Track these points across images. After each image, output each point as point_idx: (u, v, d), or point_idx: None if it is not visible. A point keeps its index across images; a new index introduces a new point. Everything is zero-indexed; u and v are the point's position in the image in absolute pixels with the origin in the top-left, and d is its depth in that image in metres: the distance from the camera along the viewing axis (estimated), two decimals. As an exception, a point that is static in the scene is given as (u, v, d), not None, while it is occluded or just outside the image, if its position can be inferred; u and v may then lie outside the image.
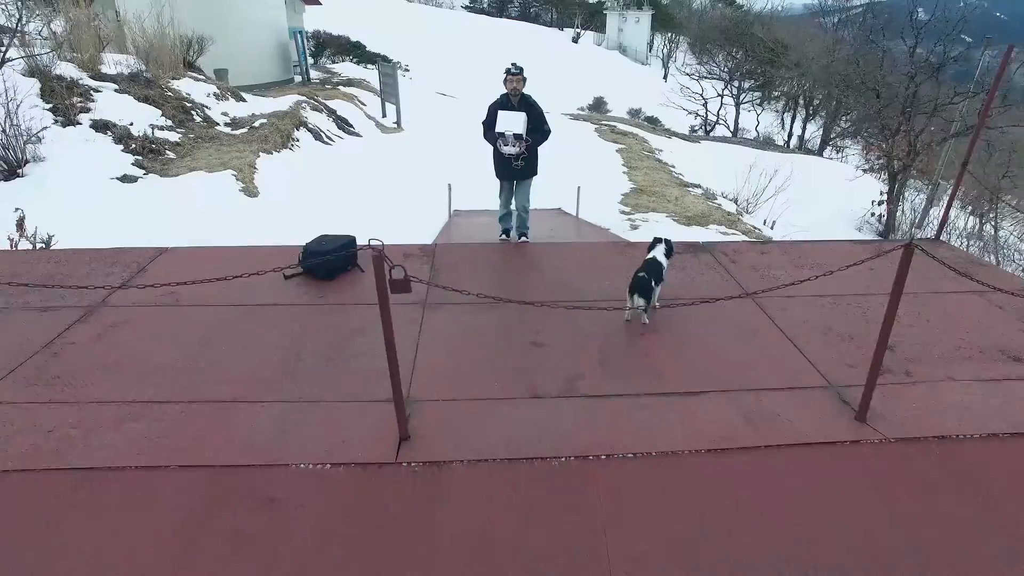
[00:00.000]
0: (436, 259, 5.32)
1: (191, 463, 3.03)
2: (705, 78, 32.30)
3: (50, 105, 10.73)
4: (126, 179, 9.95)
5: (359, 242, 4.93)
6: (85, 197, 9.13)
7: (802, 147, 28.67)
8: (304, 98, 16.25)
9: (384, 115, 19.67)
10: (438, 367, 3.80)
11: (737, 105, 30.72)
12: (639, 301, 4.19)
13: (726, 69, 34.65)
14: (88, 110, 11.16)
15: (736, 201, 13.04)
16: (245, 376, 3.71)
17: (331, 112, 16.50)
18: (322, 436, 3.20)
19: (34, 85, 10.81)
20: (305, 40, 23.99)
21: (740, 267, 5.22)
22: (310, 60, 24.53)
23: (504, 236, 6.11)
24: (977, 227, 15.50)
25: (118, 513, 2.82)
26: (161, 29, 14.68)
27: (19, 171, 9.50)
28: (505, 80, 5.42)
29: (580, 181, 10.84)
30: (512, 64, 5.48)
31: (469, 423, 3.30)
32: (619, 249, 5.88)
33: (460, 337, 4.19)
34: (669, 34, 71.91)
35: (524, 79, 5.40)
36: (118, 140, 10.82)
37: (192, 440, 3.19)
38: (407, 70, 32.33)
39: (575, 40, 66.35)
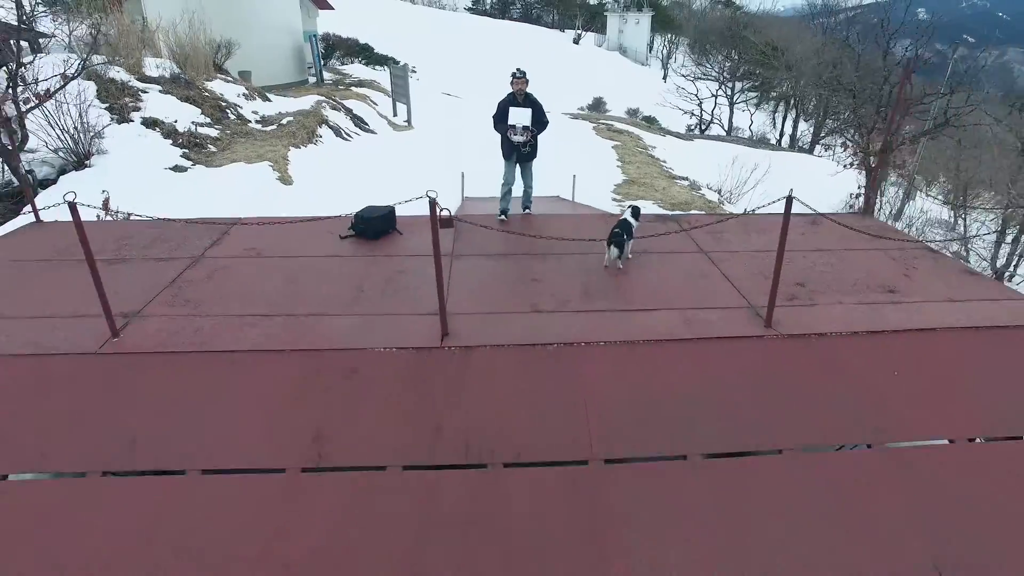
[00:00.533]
0: (457, 225, 6.70)
1: (296, 348, 4.43)
2: (700, 79, 33.71)
3: (106, 105, 12.15)
4: (177, 169, 11.37)
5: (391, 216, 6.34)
6: (144, 183, 10.53)
7: (793, 145, 30.01)
8: (323, 98, 17.67)
9: (395, 114, 21.07)
10: (465, 293, 5.18)
11: (731, 105, 32.06)
12: (614, 251, 5.57)
13: (721, 70, 36.00)
14: (138, 109, 12.59)
15: (719, 192, 14.38)
16: (324, 300, 5.10)
17: (348, 111, 17.91)
18: (387, 333, 4.58)
19: (91, 87, 12.22)
20: (318, 43, 25.40)
21: (699, 233, 6.60)
22: (322, 62, 25.93)
23: (503, 217, 7.33)
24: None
25: (253, 375, 4.22)
26: (193, 35, 16.11)
27: (87, 162, 10.92)
28: (512, 83, 6.78)
29: (577, 173, 12.23)
30: (517, 69, 6.84)
31: (489, 325, 4.69)
32: (603, 218, 7.27)
33: (479, 276, 5.57)
34: (669, 35, 73.20)
35: (527, 81, 6.77)
36: (166, 135, 12.24)
37: (294, 336, 4.57)
38: (414, 71, 33.68)
39: (576, 41, 67.60)
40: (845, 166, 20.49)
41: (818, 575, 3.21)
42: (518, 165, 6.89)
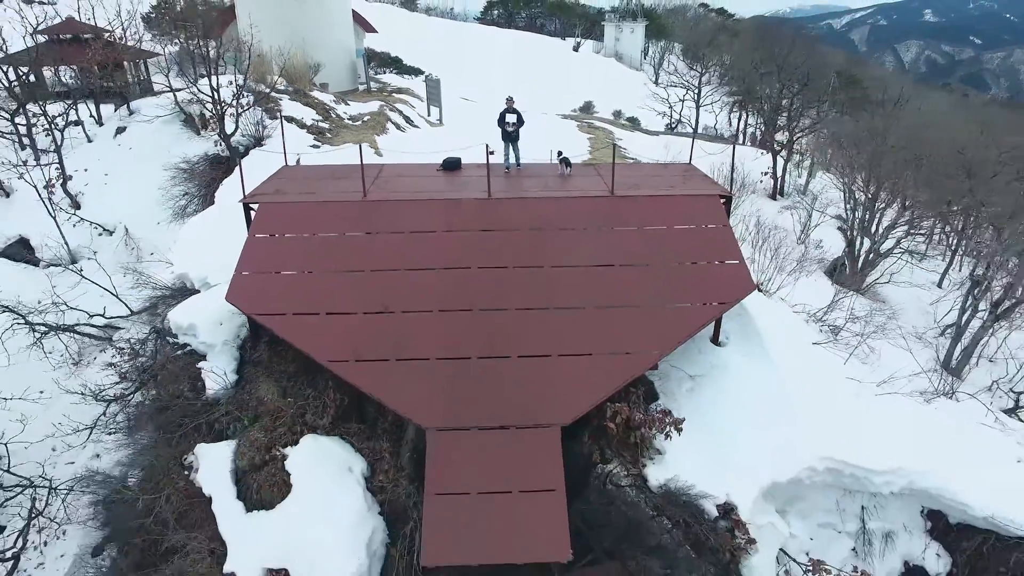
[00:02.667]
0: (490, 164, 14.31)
1: (432, 198, 12.09)
2: (672, 86, 41.22)
3: (262, 108, 19.86)
4: (313, 147, 19.02)
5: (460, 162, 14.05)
6: (298, 154, 18.13)
7: (741, 139, 37.47)
8: (383, 103, 25.35)
9: (429, 114, 28.68)
10: (495, 185, 12.82)
11: (698, 107, 39.64)
12: (567, 170, 13.27)
13: (700, 75, 43.38)
14: (280, 110, 20.28)
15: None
16: (436, 186, 12.76)
17: (399, 112, 25.57)
18: (468, 194, 12.26)
19: (250, 97, 19.91)
20: (365, 58, 33.10)
21: (606, 171, 14.18)
22: (369, 73, 33.62)
23: (507, 168, 14.81)
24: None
25: (417, 208, 11.91)
26: (294, 58, 23.79)
27: (262, 142, 18.61)
28: (506, 101, 14.28)
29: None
30: (509, 96, 14.33)
31: (503, 192, 12.37)
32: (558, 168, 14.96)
33: (500, 181, 13.24)
34: (661, 42, 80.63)
35: (514, 100, 14.24)
36: (300, 127, 19.92)
37: (431, 196, 12.24)
38: (430, 75, 41.35)
39: (576, 49, 75.00)
40: (762, 153, 28.18)
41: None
42: (509, 144, 14.43)
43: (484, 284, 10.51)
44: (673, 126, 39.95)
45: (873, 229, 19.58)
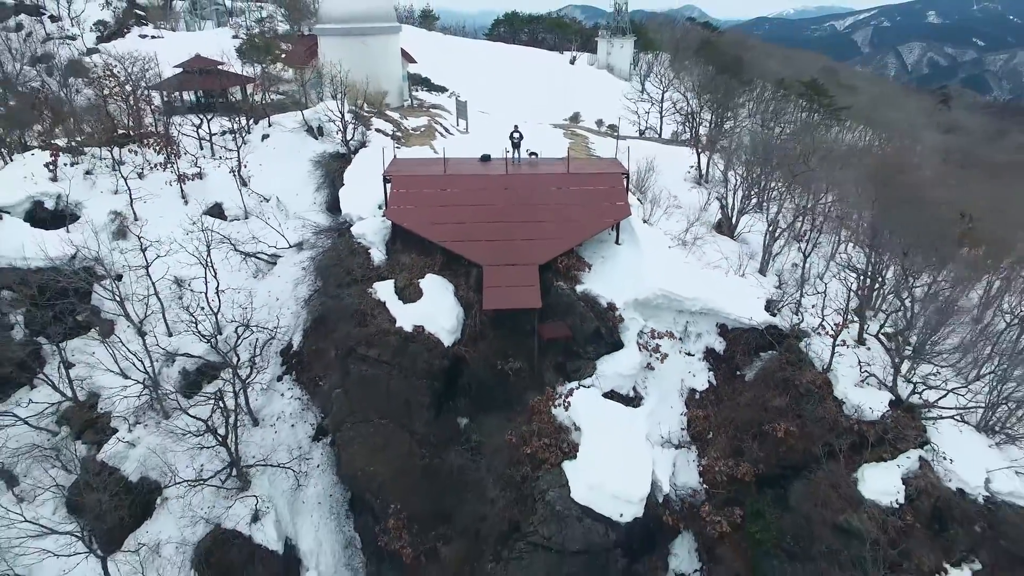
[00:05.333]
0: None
1: (479, 176, 24.97)
2: (641, 101, 53.84)
3: (361, 123, 32.78)
4: (396, 148, 31.86)
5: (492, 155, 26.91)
6: (379, 158, 30.95)
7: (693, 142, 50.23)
8: (429, 118, 38.22)
9: (458, 125, 41.47)
10: (510, 168, 25.65)
11: (661, 116, 52.40)
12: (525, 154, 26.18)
13: (666, 88, 55.87)
14: (371, 124, 33.19)
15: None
16: (480, 169, 25.65)
17: (440, 124, 38.41)
18: (493, 170, 25.15)
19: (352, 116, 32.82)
20: (408, 81, 45.96)
21: (568, 161, 26.93)
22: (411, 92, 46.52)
23: (514, 161, 27.57)
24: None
25: (487, 181, 24.82)
26: (369, 86, 36.65)
27: (364, 146, 31.46)
28: (514, 127, 26.96)
29: (540, 151, 32.53)
30: (515, 124, 27.14)
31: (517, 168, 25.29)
32: (532, 157, 27.86)
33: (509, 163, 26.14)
34: (648, 55, 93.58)
35: (518, 127, 27.01)
36: (385, 135, 32.81)
37: (485, 173, 25.11)
38: (458, 95, 54.16)
39: (572, 62, 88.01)
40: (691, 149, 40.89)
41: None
42: (515, 149, 27.24)
43: (504, 209, 23.39)
44: (643, 131, 52.52)
45: (738, 204, 32.24)
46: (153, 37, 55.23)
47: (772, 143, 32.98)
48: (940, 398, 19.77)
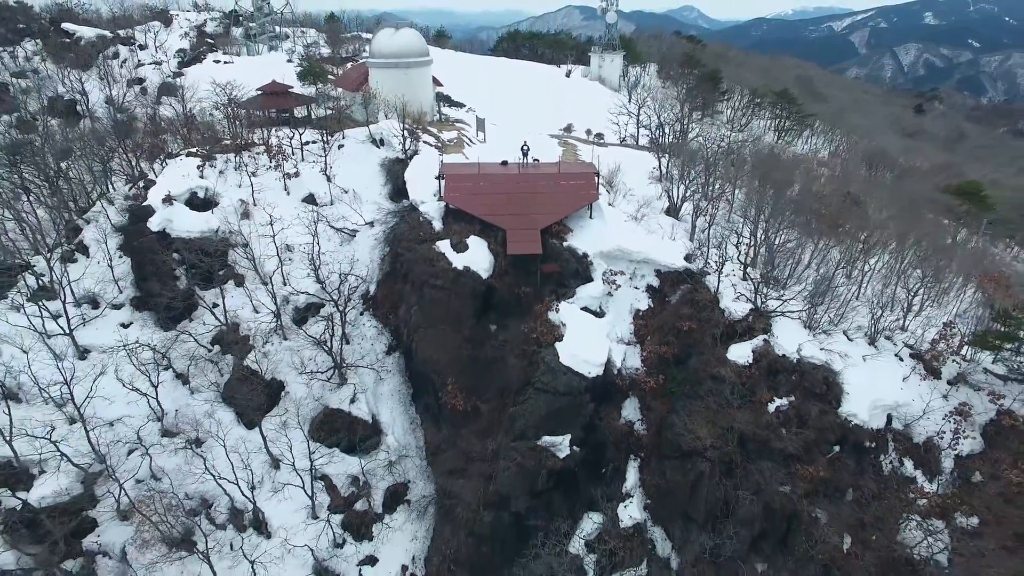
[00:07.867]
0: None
1: (508, 172, 39.29)
2: (622, 115, 67.99)
3: (413, 137, 47.10)
4: (441, 152, 46.07)
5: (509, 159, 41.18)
6: (429, 161, 45.17)
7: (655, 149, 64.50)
8: (457, 131, 52.48)
9: (477, 136, 55.58)
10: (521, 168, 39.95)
11: (638, 126, 66.69)
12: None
13: (647, 96, 70.02)
14: (419, 137, 47.47)
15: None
16: (501, 169, 39.98)
17: (465, 136, 52.62)
18: (509, 167, 39.51)
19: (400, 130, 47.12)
20: (436, 100, 60.07)
21: (560, 164, 41.13)
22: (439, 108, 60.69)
23: (525, 164, 41.75)
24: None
25: (510, 176, 39.24)
26: (410, 106, 50.85)
27: (417, 152, 45.73)
28: (523, 142, 41.14)
29: (540, 157, 46.61)
30: (525, 141, 41.34)
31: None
32: (532, 159, 42.20)
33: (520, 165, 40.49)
34: (637, 68, 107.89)
35: (527, 142, 41.23)
36: (430, 146, 47.09)
37: (503, 172, 39.45)
38: (474, 110, 68.28)
39: (568, 75, 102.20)
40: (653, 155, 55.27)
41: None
42: (524, 157, 41.56)
43: (518, 194, 37.80)
44: (623, 139, 66.78)
45: (681, 194, 46.44)
46: (225, 63, 69.25)
47: (707, 152, 47.32)
48: (778, 306, 34.10)
